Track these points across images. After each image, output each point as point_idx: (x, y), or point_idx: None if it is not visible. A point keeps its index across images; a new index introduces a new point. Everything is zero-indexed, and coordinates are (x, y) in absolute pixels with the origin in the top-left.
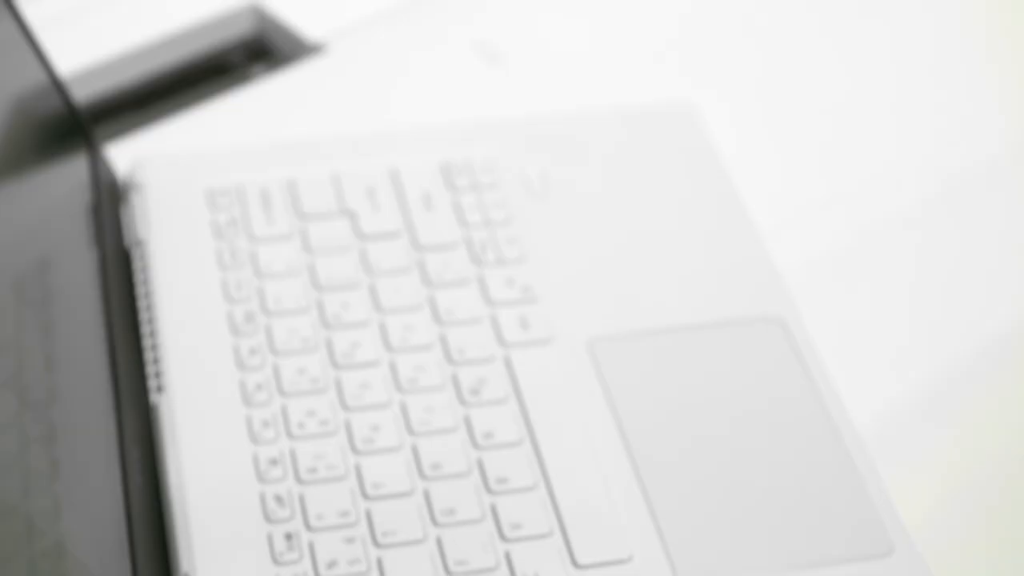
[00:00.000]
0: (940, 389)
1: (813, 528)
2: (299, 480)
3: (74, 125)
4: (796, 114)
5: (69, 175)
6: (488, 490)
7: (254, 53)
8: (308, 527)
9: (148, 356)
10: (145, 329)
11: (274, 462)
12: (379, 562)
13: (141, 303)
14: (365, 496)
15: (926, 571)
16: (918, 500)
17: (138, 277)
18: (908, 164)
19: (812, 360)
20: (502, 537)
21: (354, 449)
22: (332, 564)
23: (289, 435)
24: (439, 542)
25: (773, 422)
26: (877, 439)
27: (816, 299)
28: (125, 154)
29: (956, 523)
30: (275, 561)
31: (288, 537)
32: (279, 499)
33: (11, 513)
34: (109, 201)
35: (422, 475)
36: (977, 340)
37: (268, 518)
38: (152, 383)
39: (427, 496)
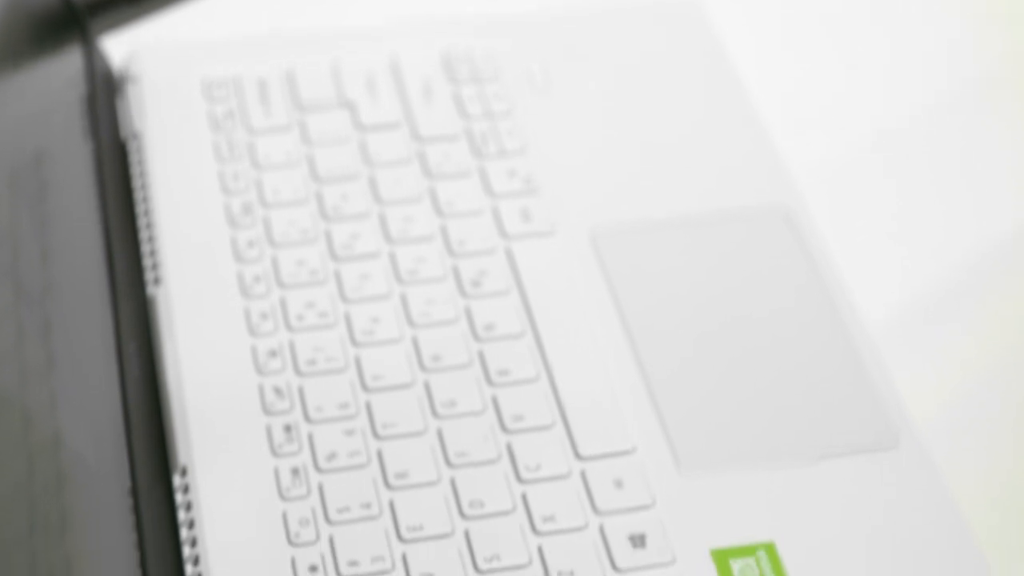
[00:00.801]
0: (950, 289)
1: (818, 420)
2: (298, 372)
3: (69, 16)
4: (810, 15)
5: (64, 67)
6: (489, 382)
7: None
8: (307, 419)
9: (145, 249)
10: (141, 222)
11: (273, 354)
12: (379, 454)
13: (137, 195)
14: (365, 388)
15: (931, 464)
16: (926, 398)
17: (134, 170)
18: (921, 67)
19: (818, 252)
20: (503, 429)
21: (354, 341)
22: (332, 456)
23: (288, 327)
24: (440, 434)
25: (778, 313)
26: (886, 338)
27: (827, 198)
28: (121, 46)
29: (964, 421)
30: (274, 453)
31: (287, 429)
32: (278, 391)
33: (7, 406)
34: (105, 93)
35: (422, 367)
36: (987, 240)
37: (267, 410)
38: (149, 275)
39: (427, 388)
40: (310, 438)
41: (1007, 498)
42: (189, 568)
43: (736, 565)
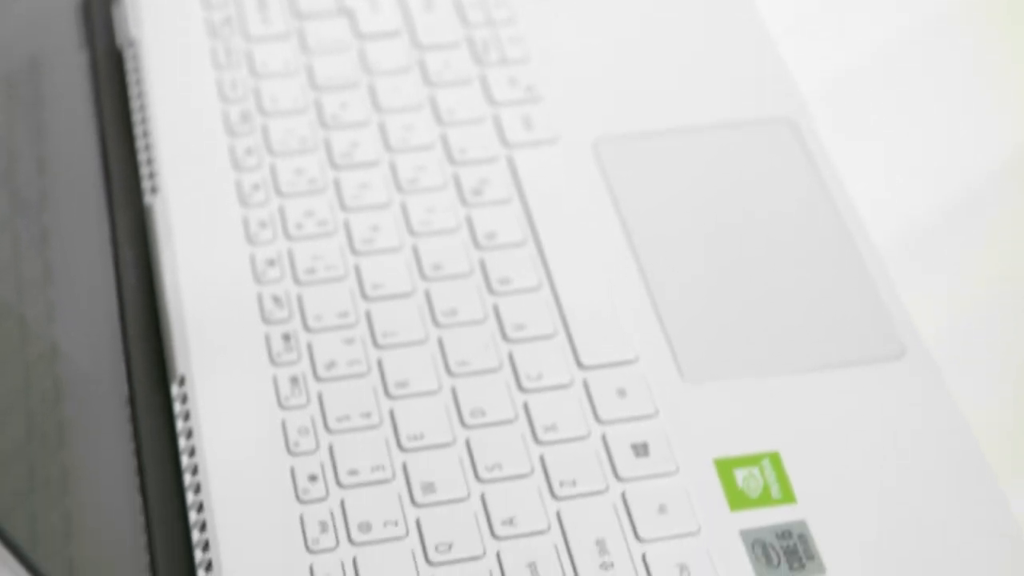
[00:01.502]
0: (958, 205)
1: (823, 330)
2: (297, 281)
3: None
4: None
5: None
6: (490, 291)
7: None
8: (306, 328)
9: (142, 157)
10: (138, 130)
11: (271, 263)
12: (379, 363)
13: (134, 104)
14: (365, 297)
15: (937, 374)
16: (931, 312)
17: (131, 78)
18: None
19: (824, 164)
20: (505, 338)
21: (353, 250)
22: (331, 365)
23: (287, 235)
24: (440, 343)
25: (782, 224)
26: (891, 253)
27: (831, 116)
28: None
29: (969, 334)
30: (273, 362)
31: (286, 338)
32: (276, 300)
33: (5, 317)
34: (101, 0)
35: (423, 276)
36: (993, 158)
37: (265, 319)
38: (146, 184)
39: (428, 297)
40: (309, 347)
41: (1012, 411)
42: (187, 477)
43: (740, 474)
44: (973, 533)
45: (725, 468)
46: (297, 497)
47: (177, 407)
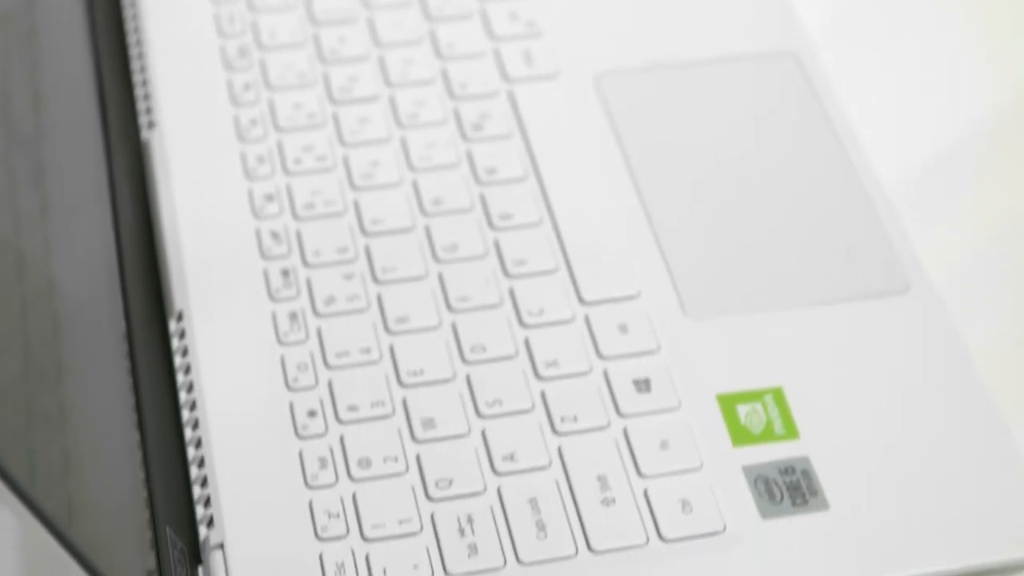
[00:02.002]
0: (964, 140)
1: (826, 266)
2: (296, 216)
3: None
4: None
5: None
6: (491, 226)
7: None
8: (305, 263)
9: (138, 92)
10: (135, 65)
11: (270, 198)
12: (379, 298)
13: (131, 39)
14: (364, 232)
15: (942, 308)
16: (937, 248)
17: (127, 12)
18: None
19: (828, 98)
20: (506, 273)
21: (352, 185)
22: (330, 300)
23: (285, 171)
24: (440, 278)
25: (786, 159)
26: (898, 189)
27: (840, 49)
28: None
29: (974, 271)
30: (271, 297)
31: (285, 273)
32: (275, 235)
33: (1, 252)
34: None
35: (423, 211)
36: (1003, 94)
37: (264, 254)
38: (143, 119)
39: (428, 232)
40: (308, 282)
41: (1014, 345)
42: (186, 414)
43: (743, 410)
44: (977, 466)
45: (728, 404)
46: (296, 433)
47: (175, 343)
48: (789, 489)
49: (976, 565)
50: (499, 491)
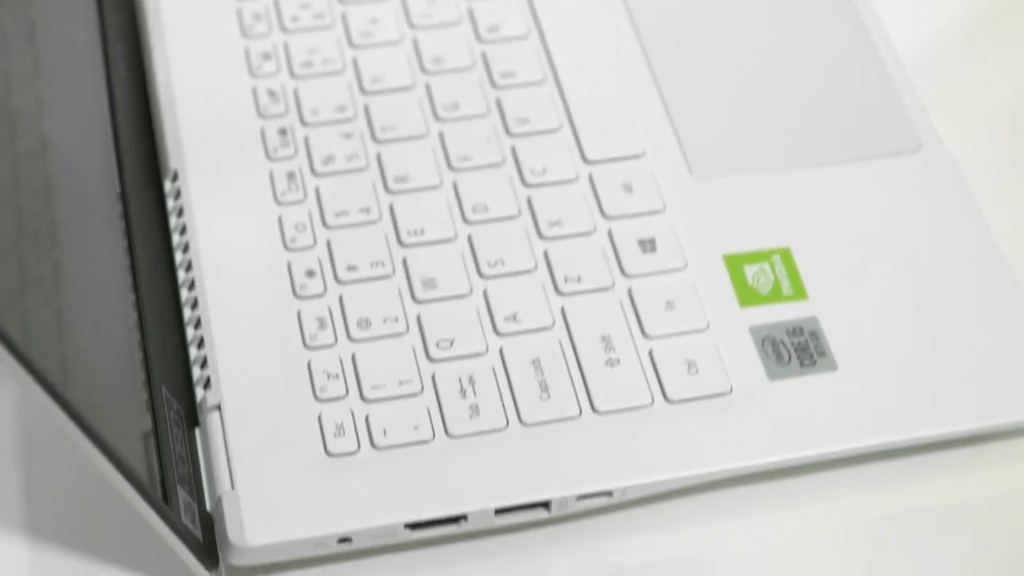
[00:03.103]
0: (986, 12)
1: (836, 125)
2: (293, 75)
3: None
4: None
5: None
6: (493, 84)
7: None
8: (303, 122)
9: None
10: None
11: (266, 56)
12: (378, 157)
13: None
14: (363, 91)
15: (954, 167)
16: (951, 120)
17: None
18: None
19: None
20: (508, 132)
21: (351, 43)
22: (328, 159)
23: (282, 28)
24: (441, 137)
25: (796, 15)
26: (913, 51)
27: None
28: None
29: (986, 135)
30: (268, 157)
31: (282, 132)
32: (272, 94)
33: None
34: None
35: (423, 69)
36: None
37: (261, 113)
38: None
39: (428, 90)
40: (306, 141)
41: None
42: (181, 274)
43: (750, 270)
44: (988, 326)
45: (735, 264)
46: (294, 293)
47: (170, 203)
48: (797, 350)
49: (985, 428)
50: (501, 352)
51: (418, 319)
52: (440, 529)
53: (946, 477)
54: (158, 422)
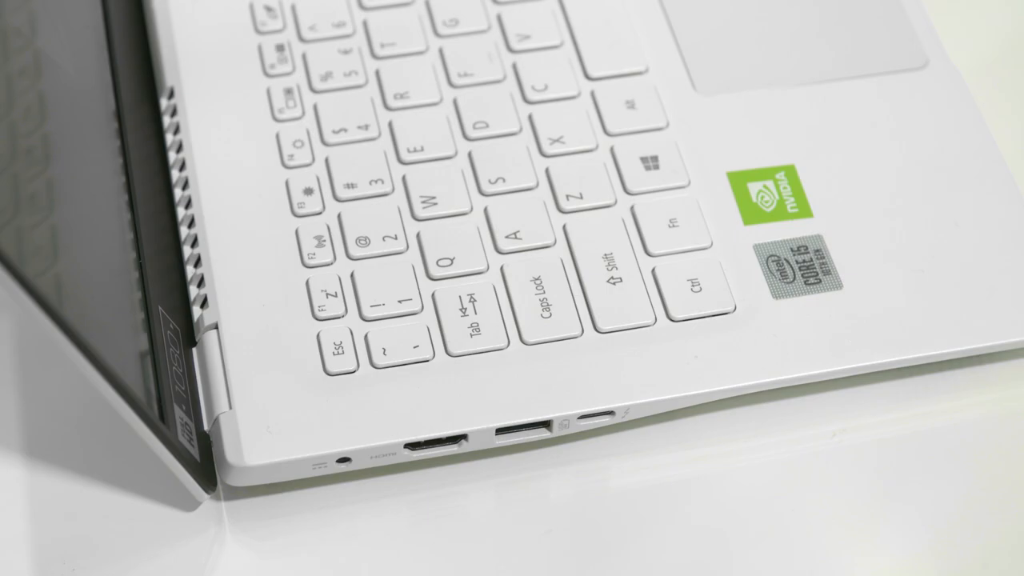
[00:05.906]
0: None
1: (842, 41)
2: None
3: None
4: None
5: None
6: (494, 0)
7: None
8: (301, 38)
9: None
10: None
11: None
12: (377, 74)
13: None
14: (361, 6)
15: (961, 84)
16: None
17: None
18: None
19: None
20: (509, 48)
21: None
22: (327, 76)
23: None
24: (441, 53)
25: None
26: None
27: None
28: None
29: (994, 52)
30: (265, 73)
31: (279, 48)
32: (269, 9)
33: None
34: None
35: None
36: None
37: (258, 29)
38: None
39: (428, 6)
40: (304, 57)
41: None
42: (178, 192)
43: (754, 188)
44: (995, 245)
45: (739, 181)
46: (292, 211)
47: (166, 120)
48: (801, 268)
49: (992, 346)
50: (502, 270)
51: (418, 237)
52: (440, 449)
53: (951, 397)
54: (155, 341)
